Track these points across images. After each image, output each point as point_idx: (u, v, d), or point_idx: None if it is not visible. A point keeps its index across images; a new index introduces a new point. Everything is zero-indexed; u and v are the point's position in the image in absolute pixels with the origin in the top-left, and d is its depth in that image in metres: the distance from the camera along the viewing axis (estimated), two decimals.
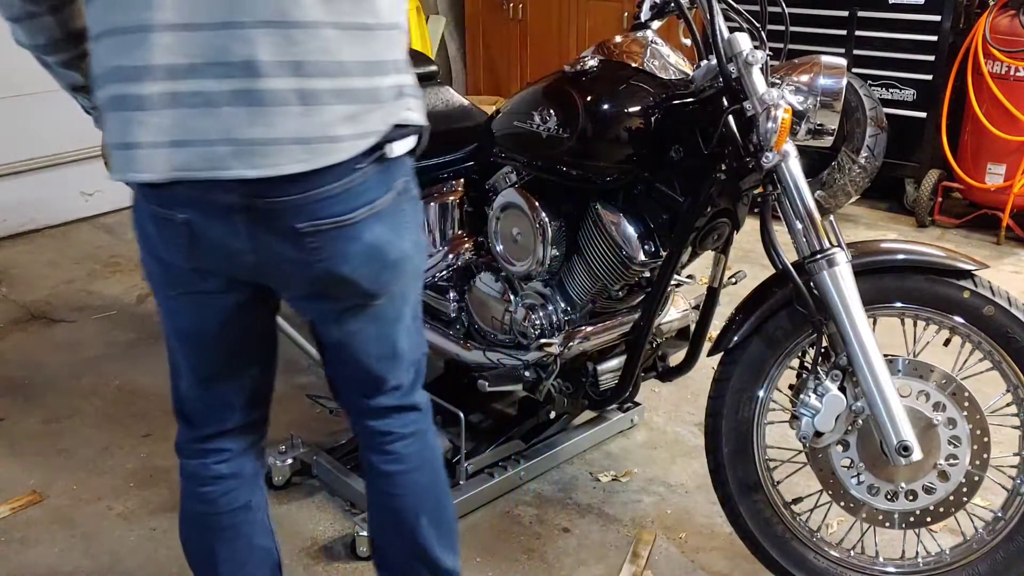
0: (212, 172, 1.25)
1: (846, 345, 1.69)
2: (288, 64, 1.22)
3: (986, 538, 1.80)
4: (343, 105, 1.26)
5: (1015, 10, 3.92)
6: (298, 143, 1.25)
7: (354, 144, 1.28)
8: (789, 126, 1.65)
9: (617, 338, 2.13)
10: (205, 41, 1.21)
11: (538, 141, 1.97)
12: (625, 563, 2.10)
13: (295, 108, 1.24)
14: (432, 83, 2.51)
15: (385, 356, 1.53)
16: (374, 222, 1.36)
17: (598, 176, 1.93)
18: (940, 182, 4.22)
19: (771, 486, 1.90)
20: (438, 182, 2.35)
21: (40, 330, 3.28)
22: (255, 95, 1.22)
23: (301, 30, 1.22)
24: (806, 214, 1.71)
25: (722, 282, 2.04)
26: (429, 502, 1.64)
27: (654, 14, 2.01)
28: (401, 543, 1.65)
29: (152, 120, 1.24)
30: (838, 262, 1.68)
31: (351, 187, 1.31)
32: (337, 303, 1.44)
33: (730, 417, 1.86)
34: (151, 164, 1.25)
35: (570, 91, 1.92)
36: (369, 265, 1.39)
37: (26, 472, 2.44)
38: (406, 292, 1.50)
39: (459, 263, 2.31)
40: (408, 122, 1.35)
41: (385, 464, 1.62)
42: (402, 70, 1.35)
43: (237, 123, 1.23)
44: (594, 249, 1.99)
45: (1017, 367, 1.73)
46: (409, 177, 1.43)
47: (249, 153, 1.24)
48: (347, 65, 1.26)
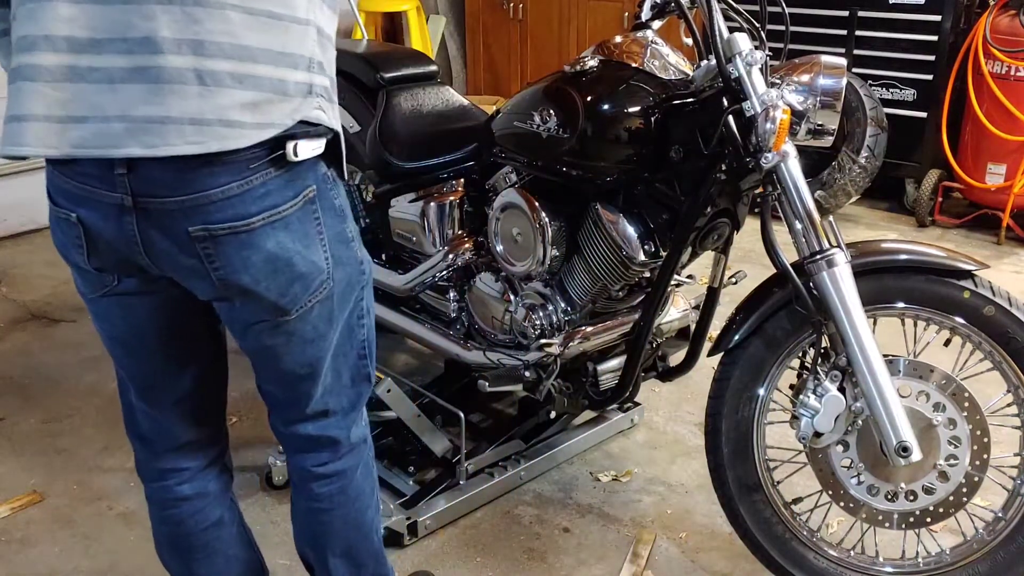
0: (105, 150, 1.19)
1: (845, 345, 1.68)
2: (188, 42, 1.17)
3: (986, 538, 1.80)
4: (244, 91, 1.20)
5: (1015, 10, 3.92)
6: (193, 123, 1.18)
7: (253, 133, 1.22)
8: (788, 126, 1.65)
9: (617, 338, 2.13)
10: (108, 15, 1.17)
11: (538, 141, 1.97)
12: (625, 563, 2.10)
13: (193, 88, 1.18)
14: (432, 83, 2.51)
15: (303, 378, 1.46)
16: (276, 230, 1.28)
17: (598, 176, 1.93)
18: (940, 182, 4.21)
19: (771, 486, 1.90)
20: (438, 182, 2.35)
21: (40, 330, 3.28)
22: (153, 72, 1.17)
23: (203, 9, 1.17)
24: (805, 214, 1.71)
25: (722, 282, 2.05)
26: (340, 544, 1.62)
27: (654, 14, 2.01)
28: (315, 560, 1.66)
29: (49, 92, 1.18)
30: (837, 262, 1.68)
31: (249, 189, 1.24)
32: (249, 315, 1.37)
33: (730, 417, 1.86)
34: (44, 138, 1.20)
35: (570, 91, 1.92)
36: (273, 277, 1.31)
37: (26, 472, 2.45)
38: (331, 313, 1.41)
39: (459, 263, 2.31)
40: (318, 121, 1.29)
41: (300, 498, 1.60)
42: (315, 70, 1.28)
43: (133, 100, 1.18)
44: (594, 249, 1.99)
45: (1017, 367, 1.73)
46: (324, 186, 1.35)
47: (142, 131, 1.18)
48: (252, 51, 1.21)
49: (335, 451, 1.56)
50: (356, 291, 1.46)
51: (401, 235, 2.48)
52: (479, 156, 2.26)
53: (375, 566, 1.68)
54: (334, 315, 1.43)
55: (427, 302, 2.45)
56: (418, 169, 2.29)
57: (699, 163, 1.82)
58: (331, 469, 1.56)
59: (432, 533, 2.19)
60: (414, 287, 2.38)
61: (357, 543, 1.63)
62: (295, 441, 1.56)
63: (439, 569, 2.09)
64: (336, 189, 1.38)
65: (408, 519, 2.15)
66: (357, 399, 1.56)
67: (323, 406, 1.52)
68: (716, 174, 1.79)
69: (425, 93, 2.46)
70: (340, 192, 1.40)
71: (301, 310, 1.37)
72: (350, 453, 1.57)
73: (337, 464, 1.56)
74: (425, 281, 2.35)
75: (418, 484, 2.29)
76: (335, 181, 1.38)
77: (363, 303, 1.49)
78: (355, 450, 1.58)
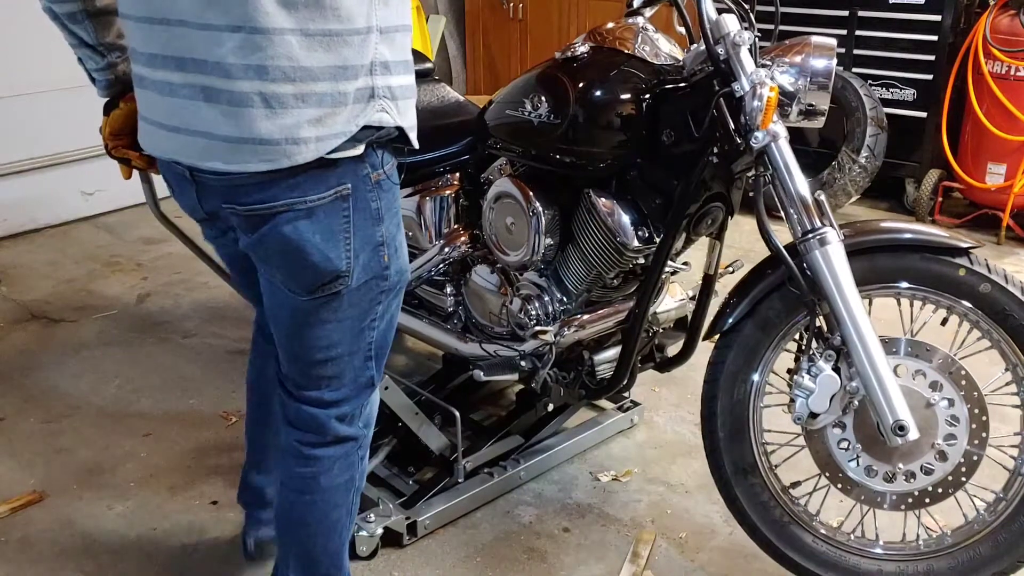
0: (196, 161, 1.36)
1: (839, 324, 1.67)
2: (253, 68, 1.26)
3: (988, 519, 1.78)
4: (307, 108, 1.29)
5: (1015, 10, 3.92)
6: (263, 143, 1.29)
7: (319, 146, 1.31)
8: (775, 104, 1.64)
9: (613, 326, 2.12)
10: (187, 39, 1.29)
11: (530, 129, 1.97)
12: (625, 563, 2.08)
13: (260, 111, 1.28)
14: (427, 79, 2.52)
15: (301, 355, 1.53)
16: (298, 217, 1.35)
17: (590, 162, 1.93)
18: (940, 182, 4.21)
19: (768, 470, 1.88)
20: (433, 176, 2.35)
21: (40, 330, 3.28)
22: (225, 95, 1.29)
23: (264, 36, 1.25)
24: (797, 196, 1.70)
25: (718, 269, 2.04)
26: (300, 531, 1.64)
27: (645, 1, 2.02)
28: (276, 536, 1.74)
29: (157, 101, 1.38)
30: (830, 240, 1.67)
31: (278, 178, 1.33)
32: (269, 275, 1.49)
33: (725, 400, 1.85)
34: (157, 143, 1.42)
35: (561, 77, 1.92)
36: (283, 258, 1.40)
37: (26, 472, 2.44)
38: (340, 309, 1.47)
39: (455, 257, 2.31)
40: (380, 124, 1.36)
41: (279, 470, 1.68)
42: (378, 72, 1.35)
43: (215, 120, 1.30)
44: (588, 236, 1.98)
45: (1016, 345, 1.71)
46: (362, 187, 1.40)
47: (223, 149, 1.31)
48: (312, 71, 1.28)
49: (321, 436, 1.58)
50: (373, 294, 1.49)
51: None
52: (474, 149, 2.26)
53: (329, 566, 1.69)
54: (343, 311, 1.46)
55: (424, 297, 2.45)
56: (413, 164, 2.29)
57: (691, 147, 1.82)
58: (312, 453, 1.59)
59: (432, 533, 2.18)
60: (411, 282, 2.38)
61: (317, 536, 1.65)
62: (290, 412, 1.60)
63: (439, 569, 2.08)
64: (376, 192, 1.42)
65: (407, 519, 2.14)
66: (355, 398, 1.58)
67: (320, 394, 1.55)
68: (708, 157, 1.78)
69: (420, 90, 2.44)
70: (382, 196, 1.44)
71: (312, 296, 1.43)
72: (335, 445, 1.60)
73: (318, 451, 1.59)
74: (421, 276, 2.35)
75: (418, 484, 2.27)
76: (377, 185, 1.42)
77: (379, 308, 1.52)
78: (340, 444, 1.60)
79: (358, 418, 1.61)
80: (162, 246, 3.96)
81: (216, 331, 3.21)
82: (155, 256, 3.91)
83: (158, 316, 3.36)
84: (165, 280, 3.67)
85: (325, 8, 1.27)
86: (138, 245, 4.04)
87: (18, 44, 3.56)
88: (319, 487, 1.60)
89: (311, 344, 1.50)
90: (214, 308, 3.40)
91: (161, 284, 3.64)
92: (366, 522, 2.07)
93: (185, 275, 3.68)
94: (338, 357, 1.52)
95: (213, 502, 2.31)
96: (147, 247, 4.01)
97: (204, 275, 3.46)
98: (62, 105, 3.88)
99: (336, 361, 1.52)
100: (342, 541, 1.69)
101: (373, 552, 2.09)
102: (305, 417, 1.57)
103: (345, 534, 1.70)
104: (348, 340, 1.51)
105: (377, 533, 2.08)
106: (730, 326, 1.83)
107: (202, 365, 2.97)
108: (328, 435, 1.58)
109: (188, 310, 3.40)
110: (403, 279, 1.54)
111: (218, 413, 2.70)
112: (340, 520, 1.66)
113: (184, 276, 3.68)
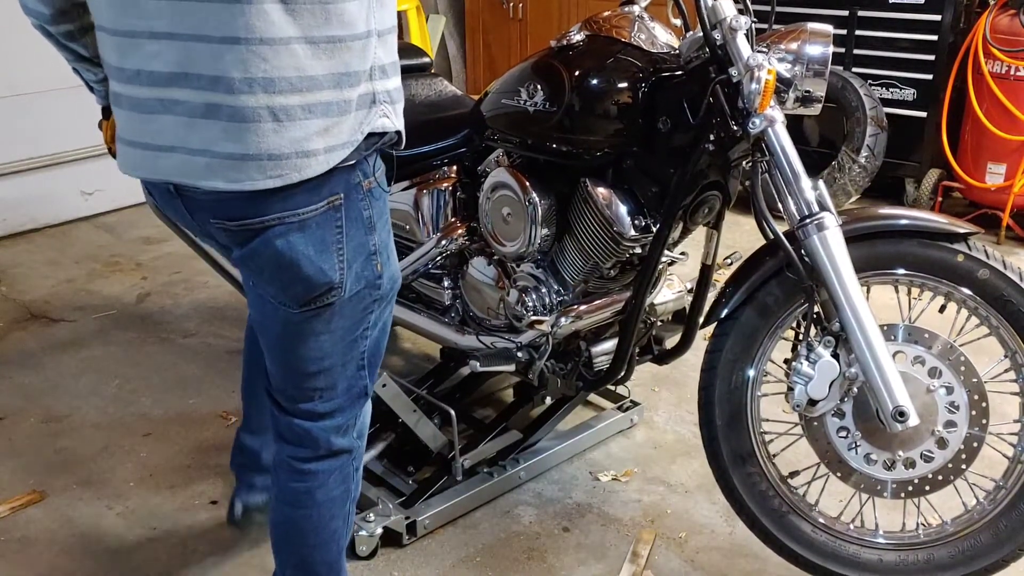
0: (194, 180, 1.30)
1: (838, 310, 1.66)
2: (259, 81, 1.22)
3: (988, 508, 1.77)
4: (315, 119, 1.26)
5: (1015, 10, 3.92)
6: (271, 158, 1.25)
7: (328, 157, 1.28)
8: (773, 87, 1.64)
9: (610, 316, 2.11)
10: (185, 51, 1.24)
11: (525, 117, 1.97)
12: (625, 563, 2.07)
13: (268, 125, 1.24)
14: (425, 74, 2.53)
15: (294, 369, 1.50)
16: (290, 230, 1.32)
17: (586, 151, 1.92)
18: (940, 182, 4.19)
19: (766, 459, 1.87)
20: (430, 169, 2.35)
21: (40, 330, 3.27)
22: (226, 110, 1.24)
23: (270, 47, 1.22)
24: (795, 181, 1.69)
25: (715, 259, 2.03)
26: (297, 544, 1.62)
27: None
28: (273, 549, 1.70)
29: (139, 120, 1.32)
30: (828, 226, 1.66)
31: (270, 192, 1.29)
32: (259, 288, 1.45)
33: (723, 387, 1.84)
34: (141, 164, 1.37)
35: (556, 65, 1.92)
36: (275, 272, 1.36)
37: (26, 472, 2.43)
38: (332, 320, 1.44)
39: (452, 250, 2.30)
40: (383, 130, 1.35)
41: (274, 486, 1.64)
42: (377, 76, 1.33)
43: (214, 137, 1.25)
44: (585, 226, 1.98)
45: (1015, 331, 1.71)
46: (354, 195, 1.37)
47: (225, 167, 1.26)
48: (317, 79, 1.25)
49: (314, 450, 1.56)
50: (366, 304, 1.46)
51: (393, 223, 2.48)
52: (471, 142, 2.26)
53: (327, 574, 1.67)
54: (335, 322, 1.44)
55: (421, 291, 2.44)
56: (410, 157, 2.29)
57: (687, 134, 1.81)
58: (306, 467, 1.57)
59: (431, 533, 2.17)
60: (408, 275, 2.37)
61: (315, 548, 1.63)
62: (282, 426, 1.57)
63: (438, 569, 2.07)
64: (368, 200, 1.40)
65: (407, 518, 2.13)
66: (349, 409, 1.56)
67: (312, 406, 1.53)
68: (705, 144, 1.78)
69: (418, 84, 2.48)
70: (373, 204, 1.41)
71: (303, 309, 1.40)
72: (329, 458, 1.57)
73: (312, 465, 1.57)
74: (418, 269, 2.34)
75: (417, 483, 2.26)
76: (369, 193, 1.40)
77: (372, 316, 1.49)
78: (335, 457, 1.58)
79: (352, 429, 1.59)
80: (162, 246, 3.96)
81: (216, 331, 3.21)
82: (155, 256, 3.91)
83: (158, 316, 3.36)
84: (165, 280, 3.67)
85: (329, 13, 1.24)
86: (138, 245, 4.04)
87: (18, 44, 3.52)
88: (314, 501, 1.58)
89: (303, 356, 1.47)
90: (214, 308, 3.40)
91: (161, 284, 3.64)
92: (365, 522, 2.06)
93: (185, 275, 3.68)
94: (331, 368, 1.49)
95: (213, 502, 2.30)
96: (147, 247, 4.01)
97: (204, 275, 3.46)
98: (62, 105, 3.89)
99: (329, 372, 1.49)
100: (340, 548, 1.68)
101: (373, 552, 2.08)
102: (298, 431, 1.55)
103: (343, 542, 1.68)
104: (341, 351, 1.48)
105: (377, 533, 2.07)
106: (728, 313, 1.82)
107: (202, 365, 2.97)
108: (321, 448, 1.56)
109: (188, 310, 3.40)
110: (395, 287, 1.52)
111: (218, 413, 2.69)
112: (337, 531, 1.64)
113: (184, 276, 3.68)
